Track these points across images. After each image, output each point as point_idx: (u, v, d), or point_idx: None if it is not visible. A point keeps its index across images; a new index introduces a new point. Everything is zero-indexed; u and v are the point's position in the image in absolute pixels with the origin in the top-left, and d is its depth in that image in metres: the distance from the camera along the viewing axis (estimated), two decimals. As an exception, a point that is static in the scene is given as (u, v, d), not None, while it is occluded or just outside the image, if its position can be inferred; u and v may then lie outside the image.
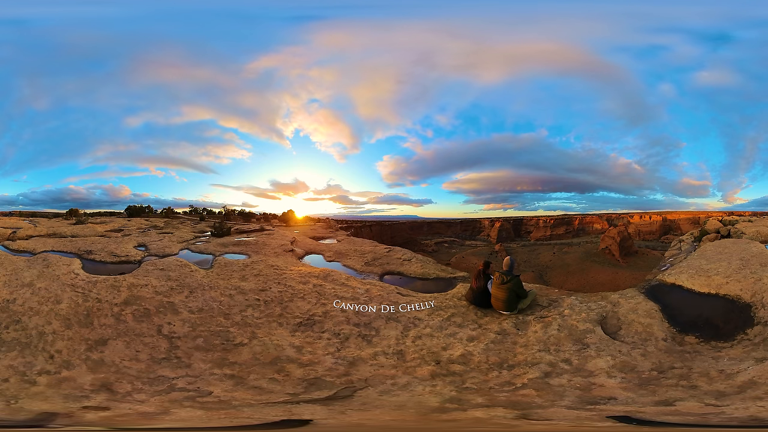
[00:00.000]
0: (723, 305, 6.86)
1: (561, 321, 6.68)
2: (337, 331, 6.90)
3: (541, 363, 5.74)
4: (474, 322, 7.04)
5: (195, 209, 26.40)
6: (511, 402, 4.89)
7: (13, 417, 4.55)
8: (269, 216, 27.00)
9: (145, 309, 7.10)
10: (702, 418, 4.21)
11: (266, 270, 9.28)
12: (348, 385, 5.43)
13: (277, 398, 5.10)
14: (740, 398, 4.49)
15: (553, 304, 7.40)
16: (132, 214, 23.68)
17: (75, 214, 21.01)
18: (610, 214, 38.49)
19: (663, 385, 5.02)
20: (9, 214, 22.09)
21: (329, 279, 8.98)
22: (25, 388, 5.17)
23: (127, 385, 5.32)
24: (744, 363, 5.30)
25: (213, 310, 7.32)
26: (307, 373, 5.74)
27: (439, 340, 6.54)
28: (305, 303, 7.74)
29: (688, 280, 7.64)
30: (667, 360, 5.67)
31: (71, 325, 6.53)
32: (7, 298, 7.10)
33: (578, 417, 4.41)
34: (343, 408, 4.85)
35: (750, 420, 4.05)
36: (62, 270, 8.31)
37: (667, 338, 6.21)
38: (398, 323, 7.10)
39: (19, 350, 5.91)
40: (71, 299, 7.15)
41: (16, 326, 6.42)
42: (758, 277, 7.10)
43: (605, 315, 6.80)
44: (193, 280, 8.30)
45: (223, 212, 25.48)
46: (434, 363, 5.94)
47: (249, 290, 8.11)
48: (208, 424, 4.54)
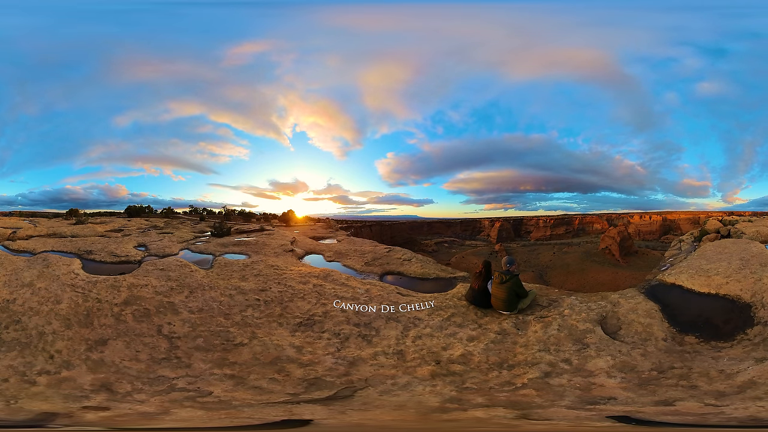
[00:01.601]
0: (723, 305, 6.86)
1: (561, 321, 6.68)
2: (337, 331, 6.90)
3: (541, 363, 5.74)
4: (474, 322, 7.04)
5: (195, 209, 26.41)
6: (511, 402, 4.89)
7: (13, 417, 4.55)
8: (269, 216, 27.00)
9: (145, 309, 7.10)
10: (702, 418, 4.21)
11: (266, 270, 9.29)
12: (348, 385, 5.43)
13: (278, 398, 5.10)
14: (740, 398, 4.50)
15: (553, 304, 7.40)
16: (132, 214, 23.70)
17: (75, 214, 21.03)
18: (610, 214, 38.53)
19: (663, 385, 5.03)
20: (9, 214, 22.12)
21: (329, 279, 8.98)
22: (25, 388, 5.17)
23: (127, 385, 5.32)
24: (744, 363, 5.31)
25: (213, 310, 7.32)
26: (307, 373, 5.74)
27: (439, 340, 6.55)
28: (305, 303, 7.74)
29: (688, 280, 7.64)
30: (667, 360, 5.67)
31: (71, 325, 6.53)
32: (7, 298, 7.10)
33: (578, 417, 4.41)
34: (344, 408, 4.85)
35: (749, 420, 4.06)
36: (62, 270, 8.31)
37: (667, 338, 6.21)
38: (398, 323, 7.10)
39: (19, 350, 5.91)
40: (71, 299, 7.16)
41: (16, 326, 6.42)
42: (758, 277, 7.10)
43: (605, 315, 6.80)
44: (193, 280, 8.30)
45: (223, 212, 25.49)
46: (434, 363, 5.94)
47: (249, 290, 8.11)
48: (209, 424, 4.54)
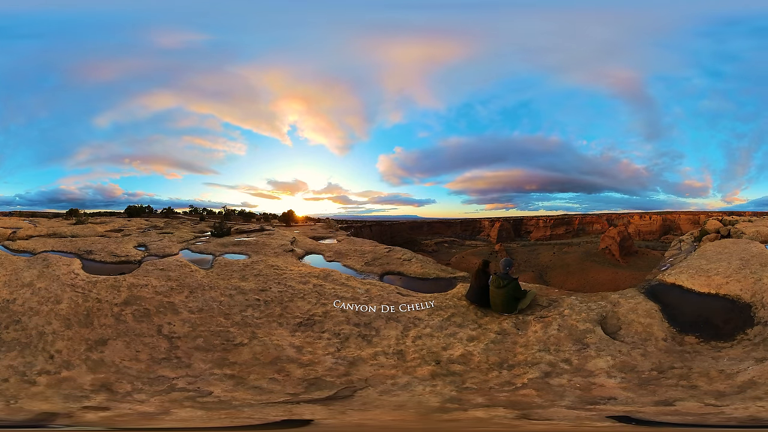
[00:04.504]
0: (723, 305, 6.86)
1: (561, 321, 6.68)
2: (337, 331, 6.90)
3: (541, 363, 5.74)
4: (474, 322, 7.04)
5: (195, 209, 26.44)
6: (511, 402, 4.89)
7: (13, 417, 4.55)
8: (269, 216, 26.98)
9: (145, 309, 7.10)
10: (702, 418, 4.21)
11: (266, 270, 9.28)
12: (348, 385, 5.43)
13: (278, 398, 5.10)
14: (740, 398, 4.49)
15: (553, 304, 7.40)
16: (132, 214, 23.73)
17: (75, 214, 21.05)
18: (610, 214, 38.59)
19: (663, 385, 5.02)
20: (9, 214, 22.15)
21: (329, 279, 8.98)
22: (25, 388, 5.17)
23: (127, 385, 5.32)
24: (744, 363, 5.30)
25: (213, 310, 7.32)
26: (307, 373, 5.74)
27: (439, 340, 6.55)
28: (305, 303, 7.74)
29: (688, 280, 7.64)
30: (667, 360, 5.67)
31: (71, 325, 6.53)
32: (7, 298, 7.10)
33: (578, 417, 4.41)
34: (344, 408, 4.85)
35: (749, 420, 4.05)
36: (62, 270, 8.31)
37: (667, 338, 6.21)
38: (398, 323, 7.10)
39: (19, 350, 5.91)
40: (71, 299, 7.16)
41: (16, 326, 6.42)
42: (758, 277, 7.10)
43: (605, 315, 6.80)
44: (193, 280, 8.30)
45: (223, 212, 25.50)
46: (434, 363, 5.94)
47: (249, 290, 8.11)
48: (209, 424, 4.54)
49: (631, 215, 38.17)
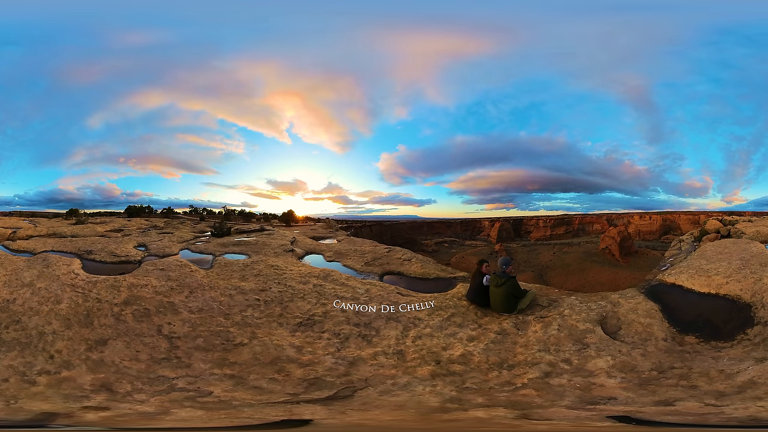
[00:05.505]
0: (723, 305, 6.86)
1: (561, 321, 6.68)
2: (337, 331, 6.90)
3: (541, 363, 5.74)
4: (474, 322, 7.04)
5: (195, 209, 26.43)
6: (511, 402, 4.89)
7: (13, 417, 4.55)
8: (269, 216, 26.98)
9: (145, 309, 7.10)
10: (702, 418, 4.21)
11: (266, 270, 9.28)
12: (348, 385, 5.43)
13: (278, 398, 5.10)
14: (740, 398, 4.49)
15: (553, 304, 7.40)
16: (132, 214, 23.74)
17: (75, 214, 21.06)
18: (610, 214, 38.61)
19: (663, 385, 5.02)
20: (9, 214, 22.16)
21: (329, 279, 8.98)
22: (25, 388, 5.17)
23: (127, 385, 5.32)
24: (744, 363, 5.30)
25: (213, 310, 7.32)
26: (307, 373, 5.74)
27: (439, 340, 6.54)
28: (305, 303, 7.74)
29: (688, 280, 7.64)
30: (667, 360, 5.67)
31: (71, 325, 6.53)
32: (7, 298, 7.10)
33: (578, 417, 4.41)
34: (344, 408, 4.85)
35: (749, 420, 4.05)
36: (62, 270, 8.31)
37: (667, 338, 6.21)
38: (398, 323, 7.10)
39: (19, 350, 5.91)
40: (71, 299, 7.15)
41: (16, 326, 6.42)
42: (758, 277, 7.10)
43: (605, 315, 6.80)
44: (193, 280, 8.30)
45: (223, 212, 25.51)
46: (434, 363, 5.94)
47: (249, 290, 8.11)
48: (209, 424, 4.54)
49: (631, 215, 38.19)
